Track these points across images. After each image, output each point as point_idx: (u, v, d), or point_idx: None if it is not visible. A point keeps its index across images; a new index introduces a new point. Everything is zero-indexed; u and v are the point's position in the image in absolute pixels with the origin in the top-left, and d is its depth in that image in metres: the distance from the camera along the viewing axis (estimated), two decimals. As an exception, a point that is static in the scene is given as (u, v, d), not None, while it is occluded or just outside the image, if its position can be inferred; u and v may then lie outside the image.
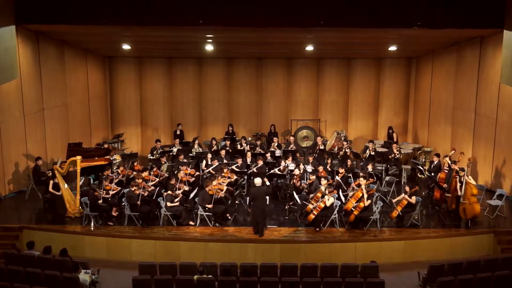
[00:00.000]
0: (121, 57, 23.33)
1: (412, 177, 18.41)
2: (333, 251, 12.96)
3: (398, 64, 23.16)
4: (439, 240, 13.26)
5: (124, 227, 13.88)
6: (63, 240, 13.43)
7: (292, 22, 15.48)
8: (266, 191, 13.82)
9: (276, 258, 12.74)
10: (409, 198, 13.66)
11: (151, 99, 23.64)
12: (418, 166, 17.49)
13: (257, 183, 13.45)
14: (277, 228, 13.80)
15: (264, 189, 13.67)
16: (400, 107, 23.39)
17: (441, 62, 20.54)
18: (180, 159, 17.62)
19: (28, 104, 17.45)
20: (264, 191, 13.53)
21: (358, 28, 15.65)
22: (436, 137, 20.91)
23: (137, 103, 23.76)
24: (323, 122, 23.33)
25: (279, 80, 23.50)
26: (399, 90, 23.33)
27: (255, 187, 13.48)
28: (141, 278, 10.51)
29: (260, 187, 13.41)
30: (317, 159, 18.31)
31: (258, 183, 13.44)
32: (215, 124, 23.65)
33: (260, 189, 13.36)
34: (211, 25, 15.63)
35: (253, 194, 13.43)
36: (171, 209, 13.94)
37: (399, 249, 13.10)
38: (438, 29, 15.59)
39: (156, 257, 12.94)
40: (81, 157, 15.09)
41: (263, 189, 13.49)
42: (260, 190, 13.35)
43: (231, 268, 10.75)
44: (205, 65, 23.50)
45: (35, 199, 16.10)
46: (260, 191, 13.32)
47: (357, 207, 13.53)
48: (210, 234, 13.40)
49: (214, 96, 23.64)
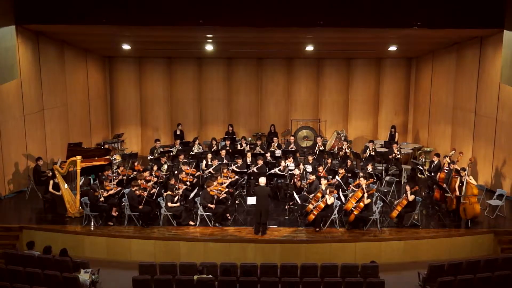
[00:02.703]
0: (121, 57, 23.30)
1: (412, 177, 18.40)
2: (333, 251, 12.96)
3: (398, 64, 23.14)
4: (439, 240, 13.27)
5: (124, 227, 13.89)
6: (63, 240, 13.45)
7: (292, 22, 15.48)
8: (269, 192, 13.80)
9: (276, 258, 12.76)
10: (409, 196, 13.65)
11: (151, 99, 23.61)
12: (418, 166, 17.48)
13: (261, 182, 13.46)
14: (277, 228, 13.80)
15: (267, 189, 13.68)
16: (400, 107, 23.37)
17: (441, 62, 20.54)
18: (180, 159, 17.61)
19: (28, 104, 17.44)
20: (267, 191, 13.54)
21: (358, 28, 15.65)
22: (436, 137, 20.91)
23: (137, 103, 23.73)
24: (323, 122, 23.32)
25: (279, 80, 23.47)
26: (399, 90, 23.30)
27: (258, 187, 13.49)
28: (141, 278, 10.52)
29: (263, 187, 13.42)
30: (317, 159, 18.32)
31: (262, 183, 13.44)
32: (215, 124, 23.63)
33: (262, 189, 13.36)
34: (211, 25, 15.64)
35: (255, 194, 13.43)
36: (171, 209, 13.94)
37: (399, 249, 13.11)
38: (438, 29, 15.60)
39: (156, 257, 12.94)
40: (81, 157, 15.10)
41: (266, 189, 13.49)
42: (263, 190, 13.35)
43: (231, 268, 10.75)
44: (205, 65, 23.48)
45: (35, 199, 16.09)
46: (262, 191, 13.32)
47: (357, 207, 13.53)
48: (210, 234, 13.41)
49: (214, 96, 23.62)
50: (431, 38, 18.25)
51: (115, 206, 14.53)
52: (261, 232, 13.29)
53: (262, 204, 13.23)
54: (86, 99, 21.82)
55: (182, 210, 13.99)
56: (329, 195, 13.60)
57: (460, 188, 13.95)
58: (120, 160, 18.20)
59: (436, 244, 13.23)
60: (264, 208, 13.24)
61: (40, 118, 18.24)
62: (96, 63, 22.80)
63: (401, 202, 13.79)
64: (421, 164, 17.58)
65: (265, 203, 13.30)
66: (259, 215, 13.25)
